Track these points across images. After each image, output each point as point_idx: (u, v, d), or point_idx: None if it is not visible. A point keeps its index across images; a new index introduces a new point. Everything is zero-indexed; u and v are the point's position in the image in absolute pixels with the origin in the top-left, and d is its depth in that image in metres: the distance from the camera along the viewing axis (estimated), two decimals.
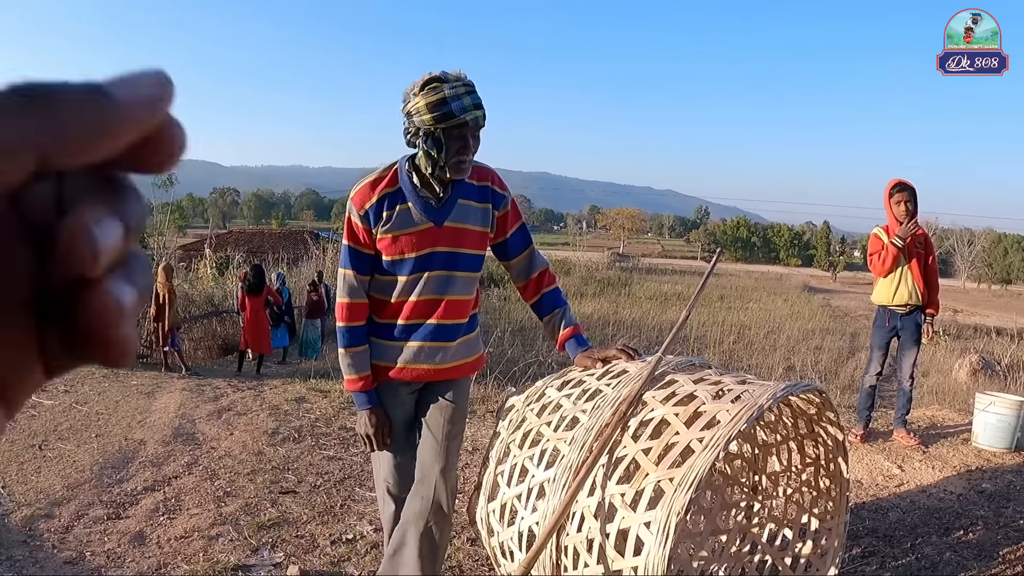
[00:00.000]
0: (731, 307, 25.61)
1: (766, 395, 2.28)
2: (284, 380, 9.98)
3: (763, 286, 40.69)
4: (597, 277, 33.94)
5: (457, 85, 2.56)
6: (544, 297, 2.99)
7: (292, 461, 5.57)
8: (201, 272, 22.72)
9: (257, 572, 3.60)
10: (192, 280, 20.51)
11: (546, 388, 2.76)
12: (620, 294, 27.78)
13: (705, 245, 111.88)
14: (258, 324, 12.35)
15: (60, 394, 8.38)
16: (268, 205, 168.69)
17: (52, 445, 6.23)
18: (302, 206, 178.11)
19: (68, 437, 6.50)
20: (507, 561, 2.56)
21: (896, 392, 5.87)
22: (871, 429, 5.74)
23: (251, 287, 12.34)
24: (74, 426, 6.91)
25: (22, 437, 6.46)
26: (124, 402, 8.08)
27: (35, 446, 6.18)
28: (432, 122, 2.56)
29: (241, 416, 7.19)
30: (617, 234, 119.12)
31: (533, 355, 10.59)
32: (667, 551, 2.02)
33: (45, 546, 4.22)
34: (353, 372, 2.85)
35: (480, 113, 2.57)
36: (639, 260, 61.15)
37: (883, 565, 3.59)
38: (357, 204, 2.74)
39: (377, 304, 2.86)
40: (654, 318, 20.29)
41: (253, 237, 37.61)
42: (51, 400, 8.03)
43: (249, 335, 12.36)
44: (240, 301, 12.52)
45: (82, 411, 7.57)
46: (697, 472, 2.07)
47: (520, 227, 2.96)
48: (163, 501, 4.85)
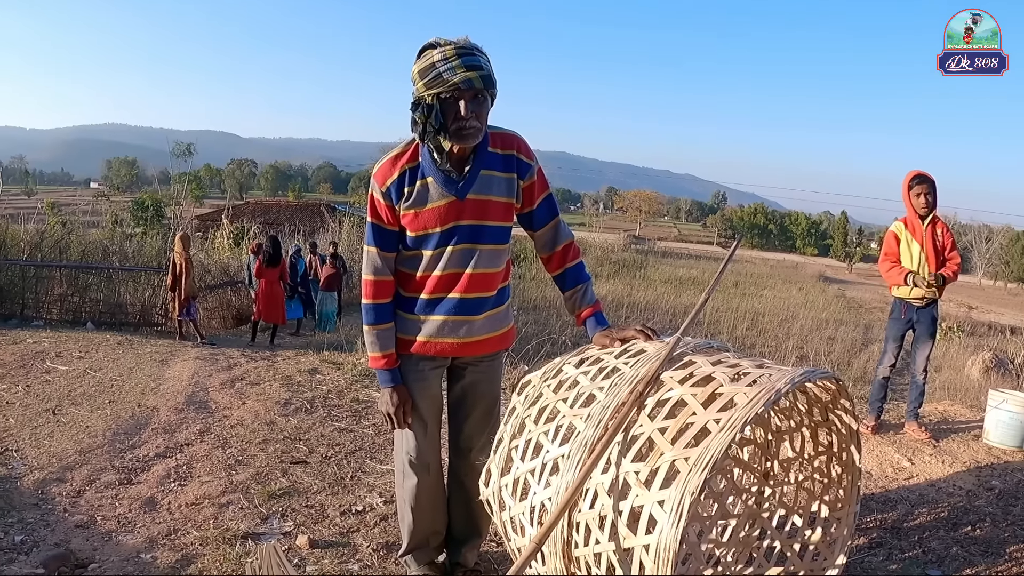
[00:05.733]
0: (746, 294, 25.59)
1: (784, 379, 2.26)
2: (297, 351, 10.03)
3: (778, 274, 40.61)
4: (613, 259, 33.96)
5: (447, 49, 2.50)
6: (568, 271, 2.96)
7: (304, 432, 5.60)
8: (217, 242, 22.82)
9: (266, 540, 3.61)
10: (208, 250, 20.59)
11: (563, 365, 2.74)
12: (635, 276, 27.80)
13: (722, 231, 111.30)
14: (273, 295, 12.40)
15: (74, 360, 8.45)
16: (285, 177, 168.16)
17: (66, 410, 6.28)
18: (319, 179, 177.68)
19: (82, 402, 6.55)
20: (517, 536, 2.56)
21: (908, 385, 5.83)
22: (882, 421, 5.72)
23: (268, 259, 12.37)
24: (88, 392, 6.96)
25: (36, 402, 6.51)
26: (138, 369, 8.13)
27: (49, 411, 6.23)
28: (424, 88, 2.52)
29: (254, 386, 7.22)
30: (634, 216, 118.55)
31: (547, 334, 10.59)
32: (680, 530, 2.01)
33: (57, 509, 4.25)
34: (377, 349, 2.85)
35: (474, 75, 2.49)
36: (655, 243, 61.05)
37: (889, 557, 3.58)
38: (379, 180, 2.72)
39: (403, 278, 2.84)
40: (668, 302, 20.29)
41: (270, 209, 37.76)
42: (65, 366, 8.09)
43: (263, 306, 12.41)
44: (256, 271, 12.55)
45: (96, 377, 7.63)
46: (713, 453, 2.06)
47: (547, 197, 2.91)
48: (175, 468, 4.88)
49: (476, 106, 2.54)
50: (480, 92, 2.54)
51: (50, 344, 9.64)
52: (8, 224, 16.54)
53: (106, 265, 14.84)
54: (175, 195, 28.60)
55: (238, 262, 17.34)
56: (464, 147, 2.63)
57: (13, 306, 13.10)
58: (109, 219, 34.31)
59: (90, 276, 14.14)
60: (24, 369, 7.91)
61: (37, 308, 13.34)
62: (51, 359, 8.48)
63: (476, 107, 2.54)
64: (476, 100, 2.54)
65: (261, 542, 3.59)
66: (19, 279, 13.36)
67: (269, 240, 13.04)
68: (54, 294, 13.70)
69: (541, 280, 21.98)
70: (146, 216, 38.18)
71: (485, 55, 2.57)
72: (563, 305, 3.25)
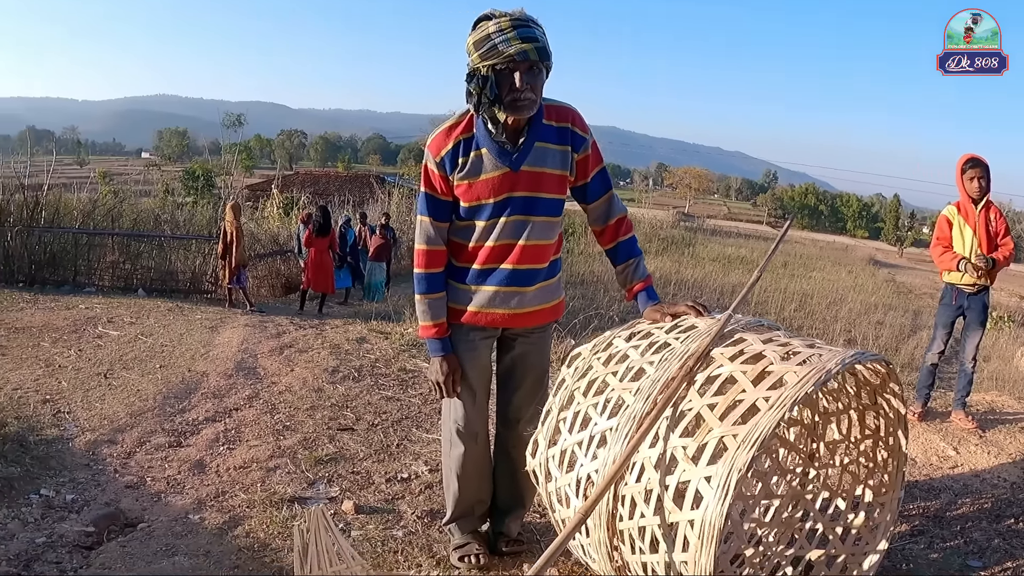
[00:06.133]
0: (794, 275, 25.28)
1: (835, 360, 2.25)
2: (346, 320, 10.12)
3: (828, 256, 40.05)
4: (661, 235, 33.75)
5: (502, 21, 2.49)
6: (620, 245, 2.94)
7: (351, 399, 5.67)
8: (267, 212, 23.04)
9: (313, 505, 3.67)
10: (258, 220, 20.80)
11: (613, 338, 2.74)
12: (683, 254, 27.60)
13: (772, 210, 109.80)
14: (322, 264, 12.48)
15: (126, 325, 8.62)
16: (335, 148, 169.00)
17: (117, 374, 6.42)
18: (369, 150, 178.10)
19: (133, 367, 6.69)
20: (562, 507, 2.57)
21: (956, 374, 5.74)
22: (929, 408, 5.64)
23: (318, 228, 12.44)
24: (139, 356, 7.10)
25: (88, 366, 6.65)
26: (188, 335, 8.27)
27: (100, 375, 6.37)
28: (479, 60, 2.52)
29: (302, 353, 7.31)
30: (683, 193, 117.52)
31: (594, 308, 10.56)
32: (726, 507, 2.01)
33: (107, 470, 4.37)
34: (428, 319, 2.87)
35: (529, 47, 2.48)
36: (704, 221, 60.43)
37: (931, 545, 3.54)
38: (433, 151, 2.72)
39: (455, 248, 2.86)
40: (717, 280, 20.13)
41: (319, 179, 38.07)
42: (117, 331, 8.25)
43: (312, 275, 12.50)
44: (305, 241, 12.64)
45: (147, 342, 7.78)
46: (762, 430, 2.06)
47: (600, 171, 2.90)
48: (223, 432, 4.97)
49: (531, 78, 2.53)
50: (535, 64, 2.53)
51: (102, 310, 9.84)
52: (61, 193, 16.84)
53: (157, 233, 15.04)
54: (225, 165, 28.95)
55: (287, 231, 17.50)
56: (519, 119, 2.62)
57: (66, 273, 13.33)
58: (160, 188, 34.80)
59: (142, 244, 14.35)
60: (76, 334, 8.09)
61: (89, 275, 13.57)
62: (103, 324, 8.66)
63: (531, 79, 2.53)
64: (531, 72, 2.53)
65: (307, 506, 3.66)
66: (72, 247, 13.60)
67: (319, 210, 13.11)
68: (106, 261, 13.92)
69: (589, 255, 21.91)
70: (197, 186, 38.70)
71: (540, 27, 2.56)
72: (611, 280, 3.26)
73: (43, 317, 8.97)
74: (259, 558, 3.24)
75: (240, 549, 3.32)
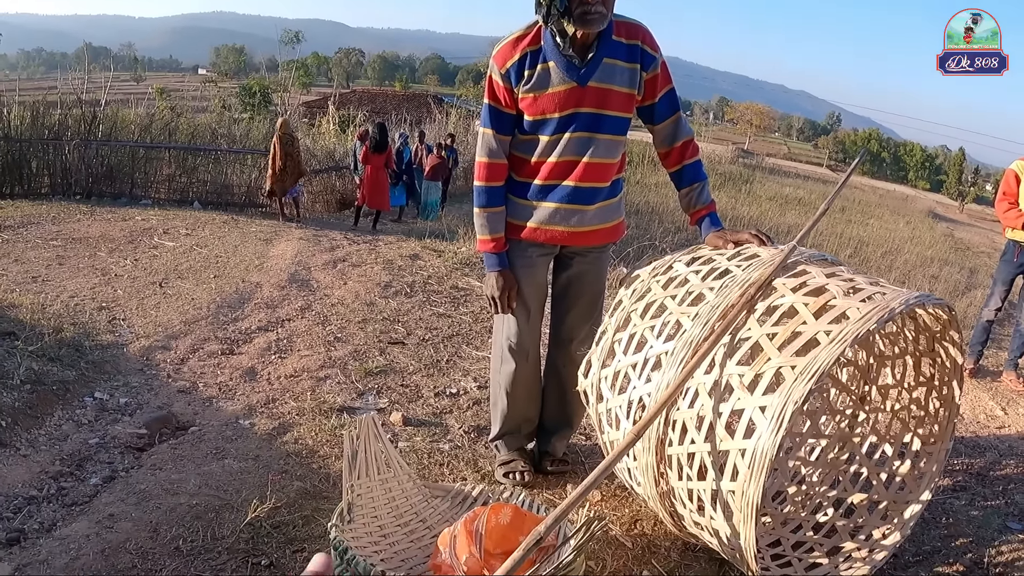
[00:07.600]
0: (851, 220, 24.82)
1: (899, 299, 2.20)
2: (399, 237, 10.19)
3: (887, 204, 39.19)
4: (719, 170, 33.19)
5: None
6: (685, 168, 2.89)
7: (402, 314, 5.72)
8: (323, 128, 23.07)
9: (361, 415, 3.73)
10: (314, 136, 20.83)
11: (674, 262, 2.71)
12: (740, 191, 27.17)
13: (833, 153, 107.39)
14: (378, 181, 12.45)
15: (181, 237, 8.76)
16: (392, 67, 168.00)
17: (172, 283, 6.54)
18: (427, 70, 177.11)
19: (188, 276, 6.81)
20: (611, 428, 2.58)
21: (1011, 334, 5.65)
22: (980, 366, 5.57)
23: (374, 145, 12.40)
24: (194, 267, 7.23)
25: (143, 275, 6.79)
26: (243, 247, 8.38)
27: (155, 283, 6.51)
28: None
29: (355, 268, 7.38)
30: (744, 129, 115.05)
31: (647, 239, 10.49)
32: (779, 438, 1.99)
33: (160, 375, 4.48)
34: (486, 232, 2.85)
35: None
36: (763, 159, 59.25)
37: (971, 503, 3.49)
38: (499, 62, 2.68)
39: (517, 163, 2.83)
40: (773, 219, 19.81)
41: (376, 97, 37.96)
42: (172, 242, 8.40)
43: (368, 191, 12.49)
44: (362, 157, 12.61)
45: (202, 253, 7.90)
46: (821, 363, 2.03)
47: (669, 91, 2.83)
48: (275, 341, 5.06)
49: None
50: None
51: (158, 221, 10.01)
52: (119, 108, 16.98)
53: (214, 147, 15.10)
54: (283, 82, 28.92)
55: (344, 148, 17.49)
56: (588, 32, 2.56)
57: (123, 185, 13.52)
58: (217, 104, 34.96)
59: (198, 158, 14.41)
60: (132, 244, 8.25)
61: (146, 187, 13.76)
62: (159, 235, 8.81)
63: None
64: None
65: (356, 416, 3.72)
66: (129, 160, 13.73)
67: (376, 127, 13.04)
68: (162, 174, 14.10)
69: (645, 185, 21.66)
70: (253, 102, 38.81)
71: None
72: (665, 212, 3.22)
73: (100, 228, 9.16)
74: (307, 464, 3.32)
75: (289, 455, 3.40)
